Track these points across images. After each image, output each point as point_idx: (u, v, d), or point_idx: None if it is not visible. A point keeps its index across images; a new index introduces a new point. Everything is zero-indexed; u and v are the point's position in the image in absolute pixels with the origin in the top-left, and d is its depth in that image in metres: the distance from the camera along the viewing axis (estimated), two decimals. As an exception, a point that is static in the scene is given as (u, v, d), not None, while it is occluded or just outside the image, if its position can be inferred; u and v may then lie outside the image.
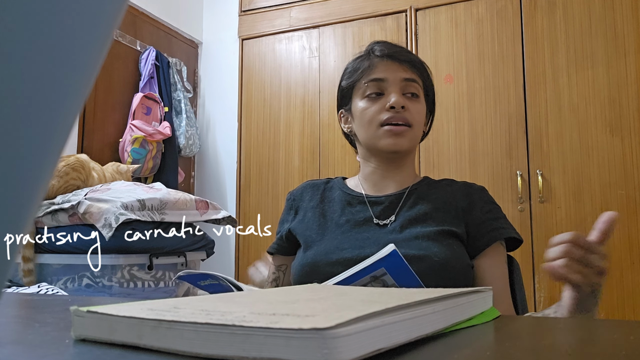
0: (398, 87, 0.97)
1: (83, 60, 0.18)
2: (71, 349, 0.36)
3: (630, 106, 2.41)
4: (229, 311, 0.35)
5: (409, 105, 0.96)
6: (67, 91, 0.18)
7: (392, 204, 0.98)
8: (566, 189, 2.47)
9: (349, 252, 0.92)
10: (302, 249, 0.98)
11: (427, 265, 0.86)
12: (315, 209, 1.03)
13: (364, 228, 0.96)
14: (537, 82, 2.57)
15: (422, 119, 1.00)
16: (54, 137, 0.18)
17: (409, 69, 0.98)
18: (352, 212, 0.99)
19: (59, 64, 0.17)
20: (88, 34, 0.17)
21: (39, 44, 0.16)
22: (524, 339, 0.43)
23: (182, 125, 3.22)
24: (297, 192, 1.09)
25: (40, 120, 0.17)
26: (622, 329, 0.45)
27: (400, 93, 0.97)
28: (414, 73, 0.98)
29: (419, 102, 0.98)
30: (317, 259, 0.93)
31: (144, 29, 3.18)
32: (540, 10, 2.61)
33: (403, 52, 1.00)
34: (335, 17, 3.07)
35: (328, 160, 2.99)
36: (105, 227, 1.50)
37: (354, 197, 1.02)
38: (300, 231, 1.01)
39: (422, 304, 0.38)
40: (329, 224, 0.99)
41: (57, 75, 0.17)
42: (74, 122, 0.19)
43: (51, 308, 0.61)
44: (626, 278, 2.32)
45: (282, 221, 1.09)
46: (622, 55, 2.44)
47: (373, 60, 1.00)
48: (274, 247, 1.07)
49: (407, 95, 0.97)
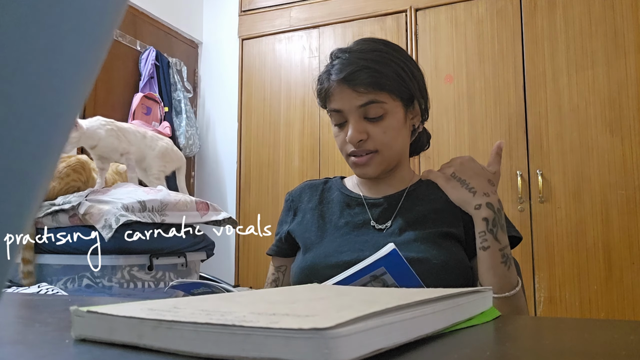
0: (356, 115, 0.92)
1: (83, 60, 0.18)
2: (71, 349, 0.36)
3: (630, 106, 2.41)
4: (229, 311, 0.35)
5: (371, 131, 0.92)
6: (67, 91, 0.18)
7: (391, 206, 0.98)
8: (566, 189, 2.47)
9: (347, 255, 0.92)
10: (302, 252, 0.98)
11: (426, 268, 0.86)
12: (314, 211, 1.03)
13: (363, 231, 0.96)
14: (537, 82, 2.57)
15: (393, 135, 0.94)
16: (54, 137, 0.18)
17: (364, 93, 0.91)
18: (350, 214, 0.99)
19: (59, 63, 0.17)
20: (88, 33, 0.17)
21: (38, 43, 0.16)
22: (523, 339, 0.43)
23: (182, 125, 3.23)
24: (296, 193, 1.09)
25: (40, 120, 0.17)
26: (622, 329, 0.45)
27: (361, 119, 0.92)
28: (371, 94, 0.91)
29: (385, 120, 0.93)
30: (316, 261, 0.93)
31: (144, 29, 3.18)
32: (540, 10, 2.61)
33: (357, 70, 0.91)
34: (335, 17, 3.07)
35: (328, 160, 2.99)
36: (106, 228, 1.50)
37: (352, 198, 1.01)
38: (299, 233, 1.01)
39: (422, 304, 0.38)
40: (328, 226, 0.99)
41: (57, 75, 0.17)
42: (74, 122, 0.19)
43: (51, 308, 0.61)
44: (626, 278, 2.32)
45: (281, 222, 1.09)
46: (622, 55, 2.44)
47: (331, 84, 0.94)
48: (273, 249, 1.07)
49: (369, 119, 0.93)
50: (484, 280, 0.85)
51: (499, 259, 0.84)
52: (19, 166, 0.17)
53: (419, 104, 1.00)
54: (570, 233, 2.44)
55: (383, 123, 0.93)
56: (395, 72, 0.93)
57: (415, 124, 1.01)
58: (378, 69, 0.92)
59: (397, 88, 0.93)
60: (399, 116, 0.95)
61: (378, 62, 0.93)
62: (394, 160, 0.98)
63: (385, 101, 0.92)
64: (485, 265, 0.85)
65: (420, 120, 1.02)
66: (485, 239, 0.85)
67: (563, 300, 2.41)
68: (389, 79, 0.92)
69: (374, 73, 0.91)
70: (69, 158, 1.80)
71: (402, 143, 0.98)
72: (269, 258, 1.11)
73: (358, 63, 0.92)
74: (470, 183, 0.87)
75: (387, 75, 0.92)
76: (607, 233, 2.37)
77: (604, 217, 2.39)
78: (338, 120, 0.96)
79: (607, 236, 2.37)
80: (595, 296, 2.36)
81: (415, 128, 1.02)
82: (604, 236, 2.38)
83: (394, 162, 0.98)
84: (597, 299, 2.36)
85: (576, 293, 2.40)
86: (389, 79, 0.92)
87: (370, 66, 0.92)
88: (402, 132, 0.97)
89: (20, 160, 0.17)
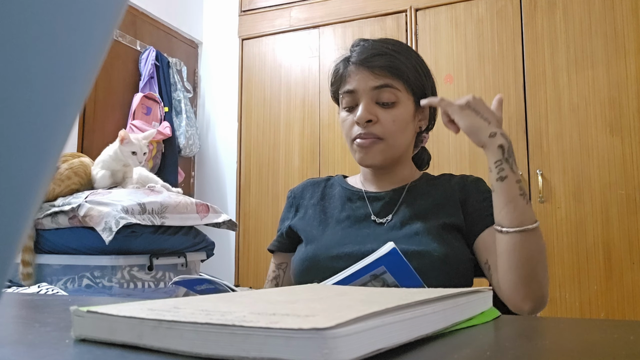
0: (369, 97, 0.93)
1: (83, 59, 0.18)
2: (71, 349, 0.36)
3: (630, 106, 2.41)
4: (229, 311, 0.35)
5: (380, 115, 0.93)
6: (67, 91, 0.18)
7: (392, 200, 0.99)
8: (566, 189, 2.47)
9: (349, 247, 0.92)
10: (303, 244, 0.99)
11: (427, 261, 0.86)
12: (316, 206, 1.04)
13: (364, 224, 0.97)
14: (537, 82, 2.57)
15: (400, 126, 0.95)
16: (53, 137, 0.18)
17: (381, 76, 0.93)
18: (352, 208, 1.00)
19: (58, 63, 0.17)
20: (88, 33, 0.17)
21: (38, 43, 0.16)
22: (523, 339, 0.43)
23: (182, 125, 3.23)
24: (298, 190, 1.10)
25: (39, 120, 0.17)
26: (623, 329, 0.45)
27: (372, 103, 0.93)
28: (387, 78, 0.93)
29: (395, 108, 0.94)
30: (318, 253, 0.94)
31: (144, 29, 3.18)
32: (540, 10, 2.61)
33: (377, 55, 0.94)
34: (335, 17, 3.07)
35: (328, 160, 2.99)
36: (106, 231, 1.50)
37: (353, 192, 1.02)
38: (301, 227, 1.02)
39: (422, 304, 0.38)
40: (330, 220, 1.00)
41: (56, 75, 0.17)
42: (74, 122, 0.19)
43: (51, 308, 0.61)
44: (626, 278, 2.32)
45: (282, 219, 1.10)
46: (622, 55, 2.44)
47: (349, 67, 0.97)
48: (275, 244, 1.08)
49: (380, 104, 0.94)
50: (503, 217, 0.83)
51: (517, 191, 0.83)
52: (18, 167, 0.17)
53: (430, 107, 1.01)
54: (570, 233, 2.43)
55: (393, 111, 0.94)
56: (413, 66, 0.96)
57: (422, 126, 1.02)
58: (397, 57, 0.95)
59: (412, 80, 0.96)
60: (409, 109, 0.96)
61: (398, 52, 0.96)
62: (396, 153, 0.97)
63: (399, 89, 0.94)
64: (504, 198, 0.83)
65: (426, 125, 1.03)
66: (502, 168, 0.84)
67: (563, 300, 2.41)
68: (406, 68, 0.95)
69: (393, 59, 0.94)
70: (72, 158, 1.80)
71: (406, 138, 0.98)
72: (269, 258, 1.11)
73: (379, 49, 0.95)
74: (485, 114, 0.86)
75: (405, 65, 0.95)
76: (607, 233, 2.37)
77: (604, 217, 2.39)
78: (349, 103, 0.96)
79: (607, 236, 2.37)
80: (595, 296, 2.36)
81: (421, 131, 1.03)
82: (603, 236, 2.38)
83: (396, 156, 0.98)
84: (597, 299, 2.36)
85: (576, 293, 2.40)
86: (406, 68, 0.95)
87: (390, 53, 0.95)
88: (409, 127, 0.98)
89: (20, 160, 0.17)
